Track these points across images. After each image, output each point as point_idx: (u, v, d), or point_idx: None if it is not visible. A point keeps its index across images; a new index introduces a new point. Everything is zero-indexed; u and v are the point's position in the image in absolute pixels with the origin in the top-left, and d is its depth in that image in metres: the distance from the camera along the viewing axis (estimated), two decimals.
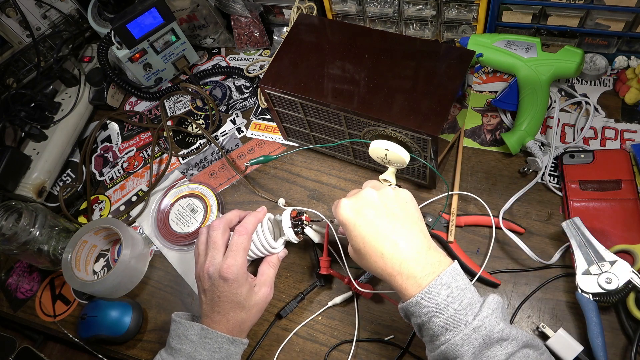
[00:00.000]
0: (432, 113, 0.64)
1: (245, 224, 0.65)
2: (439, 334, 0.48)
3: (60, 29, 0.98)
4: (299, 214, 0.68)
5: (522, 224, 0.72)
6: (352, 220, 0.54)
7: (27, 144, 0.92)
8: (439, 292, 0.48)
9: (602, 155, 0.73)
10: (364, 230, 0.53)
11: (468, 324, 0.47)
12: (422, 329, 0.50)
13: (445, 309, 0.48)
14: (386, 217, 0.54)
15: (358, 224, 0.54)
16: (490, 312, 0.47)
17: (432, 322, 0.48)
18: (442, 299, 0.48)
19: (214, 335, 0.61)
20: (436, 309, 0.48)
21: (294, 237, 0.68)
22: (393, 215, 0.54)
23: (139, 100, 1.01)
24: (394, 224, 0.53)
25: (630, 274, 0.61)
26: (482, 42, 0.81)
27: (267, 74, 0.73)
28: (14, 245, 0.74)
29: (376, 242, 0.52)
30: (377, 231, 0.53)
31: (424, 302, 0.48)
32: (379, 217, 0.54)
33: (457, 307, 0.48)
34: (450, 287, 0.48)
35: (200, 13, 0.96)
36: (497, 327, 0.47)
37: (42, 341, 0.92)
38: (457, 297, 0.48)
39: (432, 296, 0.48)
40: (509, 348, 0.46)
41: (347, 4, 0.89)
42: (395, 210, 0.54)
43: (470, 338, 0.46)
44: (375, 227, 0.53)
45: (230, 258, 0.62)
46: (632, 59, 0.81)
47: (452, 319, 0.47)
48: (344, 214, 0.55)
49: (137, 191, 0.90)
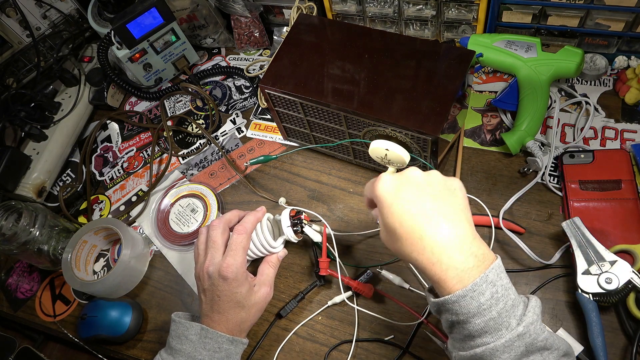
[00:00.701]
0: (432, 113, 0.64)
1: (245, 223, 0.65)
2: (476, 335, 0.43)
3: (60, 29, 0.98)
4: (298, 213, 0.69)
5: (522, 224, 0.72)
6: (391, 195, 0.48)
7: (27, 144, 0.92)
8: (483, 290, 0.43)
9: (602, 155, 0.73)
10: (404, 208, 0.47)
11: (511, 329, 0.42)
12: (456, 327, 0.45)
13: (489, 310, 0.43)
14: (430, 198, 0.47)
15: (397, 200, 0.47)
16: (536, 318, 0.43)
17: (470, 322, 0.43)
18: (486, 299, 0.43)
19: (213, 335, 0.61)
20: (478, 309, 0.43)
21: (293, 236, 0.68)
22: (438, 198, 0.47)
23: (139, 100, 1.01)
24: (438, 206, 0.47)
25: (630, 274, 0.61)
26: (482, 42, 0.81)
27: (267, 74, 0.73)
28: (14, 245, 0.74)
29: (416, 222, 0.46)
30: (418, 210, 0.46)
31: (466, 301, 0.43)
32: (422, 196, 0.47)
33: (500, 309, 0.43)
34: (495, 286, 0.43)
35: (200, 13, 0.96)
36: (542, 335, 0.43)
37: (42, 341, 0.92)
38: (502, 298, 0.43)
39: (475, 295, 0.43)
40: (550, 358, 0.43)
41: (347, 4, 0.89)
42: (441, 194, 0.48)
43: (513, 345, 0.42)
44: (417, 205, 0.46)
45: (230, 257, 0.62)
46: (632, 59, 0.81)
47: (494, 322, 0.43)
48: (382, 187, 0.48)
49: (137, 191, 0.90)
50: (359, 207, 0.79)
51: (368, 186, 0.53)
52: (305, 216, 0.69)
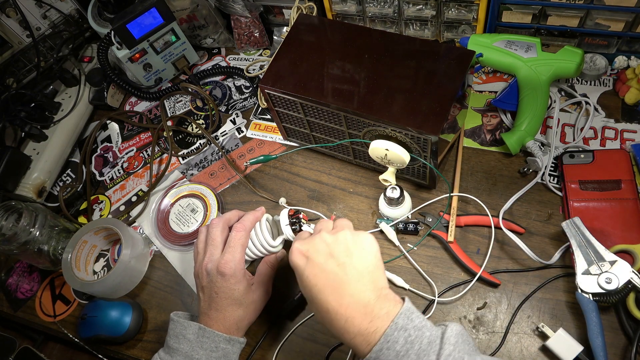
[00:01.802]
0: (432, 113, 0.64)
1: (243, 222, 0.66)
2: None
3: (60, 29, 0.98)
4: (297, 213, 0.69)
5: (522, 224, 0.72)
6: (301, 267, 0.51)
7: (27, 144, 0.92)
8: (396, 339, 0.45)
9: (602, 155, 0.73)
10: (311, 282, 0.50)
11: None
12: None
13: (406, 355, 0.44)
14: (336, 267, 0.50)
15: (306, 273, 0.50)
16: (452, 348, 0.44)
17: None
18: (401, 346, 0.44)
19: (211, 335, 0.61)
20: (397, 358, 0.44)
21: (292, 235, 0.68)
22: (343, 266, 0.50)
23: (139, 100, 1.01)
24: (342, 276, 0.49)
25: (630, 274, 0.61)
26: (482, 42, 0.81)
27: (267, 74, 0.73)
28: (14, 245, 0.74)
29: (322, 295, 0.49)
30: (323, 283, 0.49)
31: (383, 354, 0.45)
32: (327, 267, 0.50)
33: (417, 350, 0.44)
34: (407, 330, 0.45)
35: (200, 13, 0.96)
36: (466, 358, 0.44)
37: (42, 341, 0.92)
38: (416, 339, 0.45)
39: (389, 345, 0.45)
40: None
41: (347, 4, 0.89)
42: (349, 256, 0.50)
43: None
44: (323, 278, 0.49)
45: (228, 254, 0.62)
46: (632, 59, 0.81)
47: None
48: (293, 259, 0.52)
49: (137, 191, 0.90)
50: (359, 207, 0.79)
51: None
52: (304, 215, 0.69)
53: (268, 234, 0.68)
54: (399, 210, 0.73)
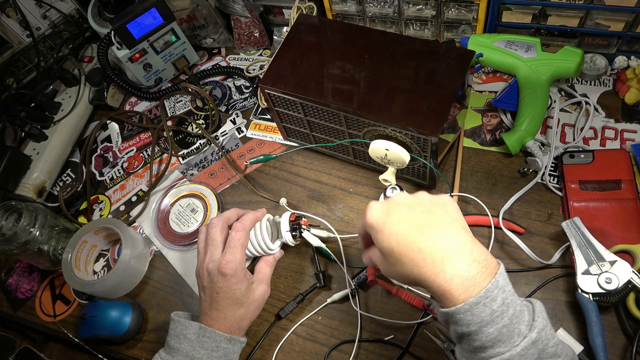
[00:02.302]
0: (432, 113, 0.64)
1: (243, 221, 0.66)
2: (489, 346, 0.41)
3: (60, 29, 0.98)
4: (298, 218, 0.69)
5: (522, 224, 0.72)
6: (382, 219, 0.46)
7: (27, 144, 0.92)
8: (495, 297, 0.41)
9: (602, 155, 0.73)
10: (396, 227, 0.45)
11: (523, 336, 0.41)
12: (466, 338, 0.43)
13: (500, 317, 0.41)
14: (421, 214, 0.46)
15: (389, 221, 0.46)
16: (545, 324, 0.42)
17: (482, 332, 0.41)
18: (498, 305, 0.41)
19: (211, 334, 0.61)
20: (491, 317, 0.41)
21: (292, 241, 0.69)
22: (429, 213, 0.46)
23: (139, 100, 1.01)
24: (430, 220, 0.45)
25: (630, 274, 0.61)
26: (482, 42, 0.81)
27: (267, 74, 0.73)
28: (14, 245, 0.74)
29: (411, 236, 0.44)
30: (411, 226, 0.45)
31: (478, 309, 0.41)
32: (413, 214, 0.46)
33: (511, 315, 0.41)
34: (505, 292, 0.42)
35: (200, 13, 0.96)
36: (552, 341, 0.42)
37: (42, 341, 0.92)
38: (511, 304, 0.42)
39: (488, 301, 0.41)
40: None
41: (347, 4, 0.89)
42: (432, 209, 0.47)
43: (528, 353, 0.40)
44: (409, 222, 0.45)
45: (229, 254, 0.63)
46: (632, 59, 0.81)
47: (507, 329, 0.41)
48: (372, 214, 0.47)
49: (137, 191, 0.90)
50: (359, 207, 0.79)
51: (359, 223, 0.52)
52: (305, 221, 0.69)
53: (267, 235, 0.68)
54: None
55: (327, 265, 0.75)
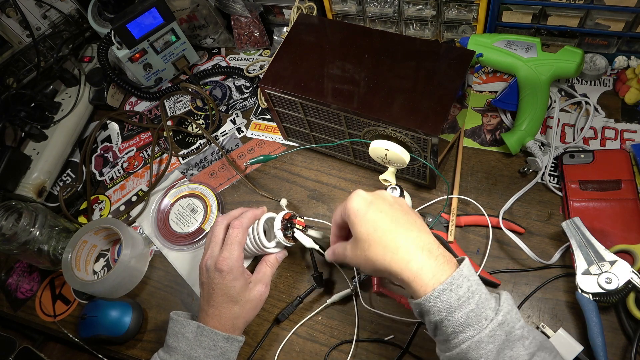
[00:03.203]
0: (432, 113, 0.64)
1: (241, 218, 0.66)
2: (459, 330, 0.45)
3: (60, 29, 0.98)
4: (293, 217, 0.68)
5: (522, 224, 0.72)
6: (365, 206, 0.51)
7: (27, 144, 0.92)
8: (460, 284, 0.45)
9: (602, 155, 0.73)
10: (377, 215, 0.50)
11: (491, 319, 0.44)
12: (439, 327, 0.46)
13: (467, 302, 0.45)
14: (400, 211, 0.52)
15: (371, 210, 0.51)
16: (510, 308, 0.46)
17: (452, 317, 0.45)
18: (464, 291, 0.45)
19: (209, 333, 0.61)
20: (458, 302, 0.45)
21: (283, 239, 0.67)
22: (407, 213, 0.52)
23: (139, 100, 1.01)
24: (407, 217, 0.51)
25: (630, 274, 0.61)
26: (482, 42, 0.81)
27: (267, 74, 0.73)
28: (14, 245, 0.74)
29: (389, 226, 0.49)
30: (390, 218, 0.50)
31: (446, 295, 0.45)
32: (393, 209, 0.51)
33: (477, 301, 0.45)
34: (469, 280, 0.46)
35: (200, 13, 0.96)
36: (518, 323, 0.45)
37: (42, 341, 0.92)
38: (477, 291, 0.46)
39: (454, 287, 0.45)
40: (530, 348, 0.44)
41: (347, 4, 0.89)
42: (409, 211, 0.53)
43: (496, 334, 0.44)
44: (389, 214, 0.50)
45: (226, 251, 0.63)
46: (632, 59, 0.81)
47: (474, 313, 0.45)
48: (357, 201, 0.52)
49: (137, 191, 0.90)
50: None
51: (337, 210, 0.56)
52: (299, 221, 0.68)
53: (263, 233, 0.68)
54: None
55: (327, 265, 0.75)
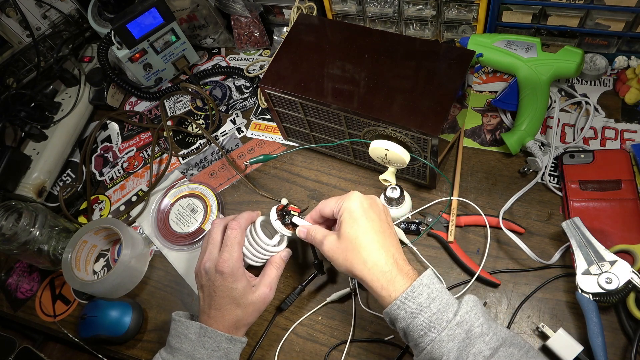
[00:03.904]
0: (432, 113, 0.64)
1: (238, 219, 0.66)
2: (424, 334, 0.50)
3: (60, 29, 0.98)
4: (286, 206, 0.67)
5: (522, 224, 0.72)
6: (362, 211, 0.57)
7: (27, 144, 0.92)
8: (420, 291, 0.51)
9: (602, 155, 0.73)
10: (369, 223, 0.56)
11: (450, 321, 0.49)
12: (407, 332, 0.52)
13: (428, 307, 0.50)
14: (387, 223, 0.58)
15: (365, 216, 0.56)
16: (469, 309, 0.50)
17: (415, 322, 0.50)
18: (424, 298, 0.51)
19: (212, 334, 0.61)
20: (419, 308, 0.50)
21: (283, 229, 0.66)
22: (390, 226, 0.59)
23: (139, 100, 1.01)
24: (389, 232, 0.57)
25: (630, 274, 0.61)
26: (482, 42, 0.81)
27: (267, 74, 0.73)
28: (14, 245, 0.74)
29: (377, 236, 0.55)
30: (378, 230, 0.56)
31: (408, 302, 0.51)
32: (382, 222, 0.57)
33: (438, 305, 0.50)
34: (430, 288, 0.52)
35: (200, 13, 0.96)
36: (477, 321, 0.49)
37: (42, 341, 0.92)
38: (437, 297, 0.51)
39: (415, 295, 0.51)
40: (492, 343, 0.48)
41: (347, 4, 0.89)
42: (391, 223, 0.59)
43: (455, 333, 0.48)
44: (378, 227, 0.56)
45: (226, 252, 0.63)
46: (632, 59, 0.81)
47: (435, 317, 0.50)
48: (356, 202, 0.57)
49: (137, 191, 0.90)
50: None
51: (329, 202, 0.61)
52: (293, 207, 0.67)
53: (263, 234, 0.67)
54: (399, 210, 0.73)
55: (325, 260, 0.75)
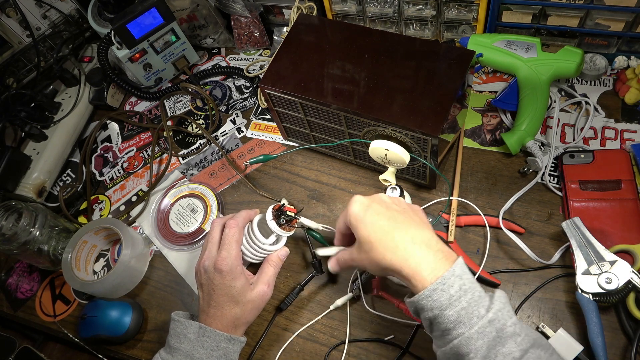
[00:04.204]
0: (432, 113, 0.64)
1: (236, 218, 0.67)
2: (451, 327, 0.46)
3: (60, 29, 0.98)
4: (282, 206, 0.68)
5: (522, 224, 0.72)
6: (364, 210, 0.54)
7: (27, 144, 0.92)
8: (452, 283, 0.47)
9: (602, 155, 0.73)
10: (375, 217, 0.53)
11: (482, 317, 0.46)
12: (433, 323, 0.48)
13: (458, 300, 0.46)
14: (397, 212, 0.54)
15: (369, 213, 0.54)
16: (502, 306, 0.47)
17: (444, 315, 0.46)
18: (455, 291, 0.47)
19: (211, 334, 0.61)
20: (449, 301, 0.46)
21: (278, 229, 0.67)
22: (404, 213, 0.54)
23: (139, 100, 1.01)
24: (404, 218, 0.53)
25: (630, 274, 0.61)
26: (482, 42, 0.81)
27: (267, 74, 0.73)
28: (14, 245, 0.74)
29: (387, 227, 0.52)
30: (388, 219, 0.53)
31: (437, 294, 0.47)
32: (390, 210, 0.54)
33: (469, 299, 0.46)
34: (462, 279, 0.47)
35: (200, 13, 0.96)
36: (510, 320, 0.46)
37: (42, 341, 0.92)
38: (469, 290, 0.47)
39: (445, 287, 0.47)
40: (523, 344, 0.45)
41: (347, 4, 0.89)
42: (406, 211, 0.55)
43: (485, 331, 0.45)
44: (387, 215, 0.53)
45: (224, 251, 0.63)
46: (632, 59, 0.81)
47: (465, 311, 0.46)
48: (355, 206, 0.55)
49: (137, 191, 0.90)
50: None
51: (340, 218, 0.60)
52: (289, 207, 0.67)
53: (259, 233, 0.68)
54: None
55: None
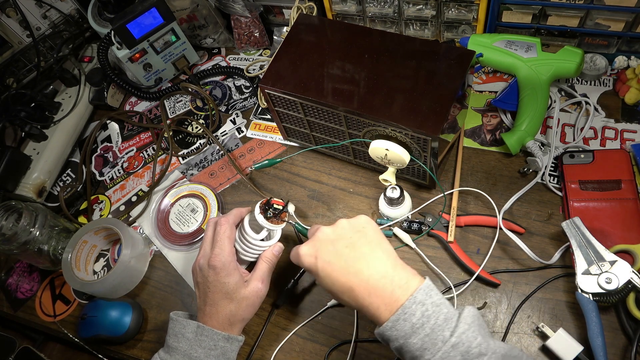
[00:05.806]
0: (432, 113, 0.64)
1: (227, 215, 0.67)
2: (418, 355, 0.46)
3: (60, 29, 0.98)
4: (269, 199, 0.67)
5: (522, 224, 0.72)
6: (314, 264, 0.54)
7: (27, 144, 0.92)
8: (413, 311, 0.47)
9: (602, 155, 0.73)
10: (328, 270, 0.52)
11: (445, 342, 0.45)
12: (401, 352, 0.48)
13: (421, 328, 0.46)
14: (345, 248, 0.53)
15: (320, 266, 0.53)
16: (467, 327, 0.46)
17: (409, 344, 0.46)
18: (417, 318, 0.47)
19: (209, 333, 0.61)
20: (412, 329, 0.46)
21: (266, 222, 0.67)
22: (352, 245, 0.53)
23: (139, 100, 1.01)
24: (354, 254, 0.52)
25: (630, 274, 0.61)
26: (482, 42, 0.81)
27: (267, 74, 0.73)
28: (14, 245, 0.74)
29: (341, 277, 0.51)
30: (339, 266, 0.52)
31: (399, 324, 0.47)
32: (338, 252, 0.53)
33: (432, 325, 0.46)
34: (424, 305, 0.47)
35: (200, 13, 0.96)
36: (475, 342, 0.45)
37: (42, 341, 0.92)
38: (433, 315, 0.47)
39: (406, 317, 0.47)
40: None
41: (347, 4, 0.89)
42: (353, 240, 0.54)
43: (449, 356, 0.44)
44: (337, 263, 0.52)
45: (217, 248, 0.64)
46: (632, 59, 0.81)
47: (429, 338, 0.46)
48: (304, 261, 0.55)
49: (137, 191, 0.90)
50: (359, 207, 0.79)
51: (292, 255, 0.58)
52: (276, 200, 0.67)
53: (250, 229, 0.67)
54: (399, 210, 0.73)
55: None
